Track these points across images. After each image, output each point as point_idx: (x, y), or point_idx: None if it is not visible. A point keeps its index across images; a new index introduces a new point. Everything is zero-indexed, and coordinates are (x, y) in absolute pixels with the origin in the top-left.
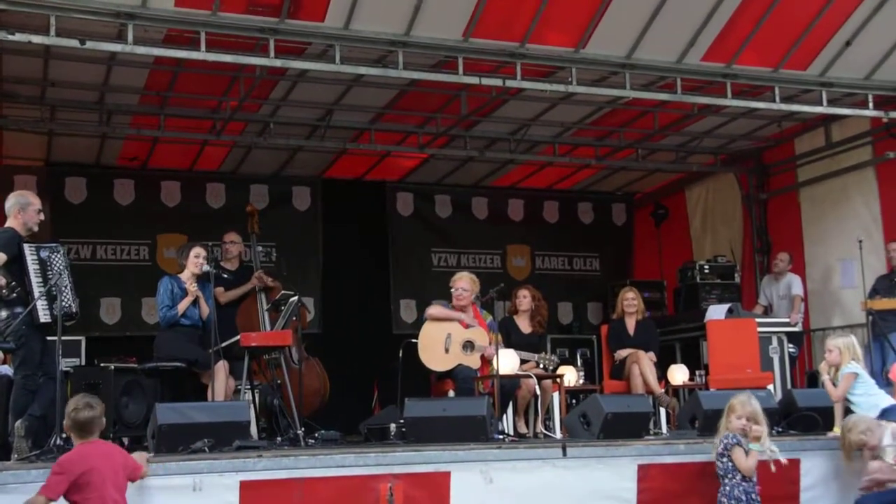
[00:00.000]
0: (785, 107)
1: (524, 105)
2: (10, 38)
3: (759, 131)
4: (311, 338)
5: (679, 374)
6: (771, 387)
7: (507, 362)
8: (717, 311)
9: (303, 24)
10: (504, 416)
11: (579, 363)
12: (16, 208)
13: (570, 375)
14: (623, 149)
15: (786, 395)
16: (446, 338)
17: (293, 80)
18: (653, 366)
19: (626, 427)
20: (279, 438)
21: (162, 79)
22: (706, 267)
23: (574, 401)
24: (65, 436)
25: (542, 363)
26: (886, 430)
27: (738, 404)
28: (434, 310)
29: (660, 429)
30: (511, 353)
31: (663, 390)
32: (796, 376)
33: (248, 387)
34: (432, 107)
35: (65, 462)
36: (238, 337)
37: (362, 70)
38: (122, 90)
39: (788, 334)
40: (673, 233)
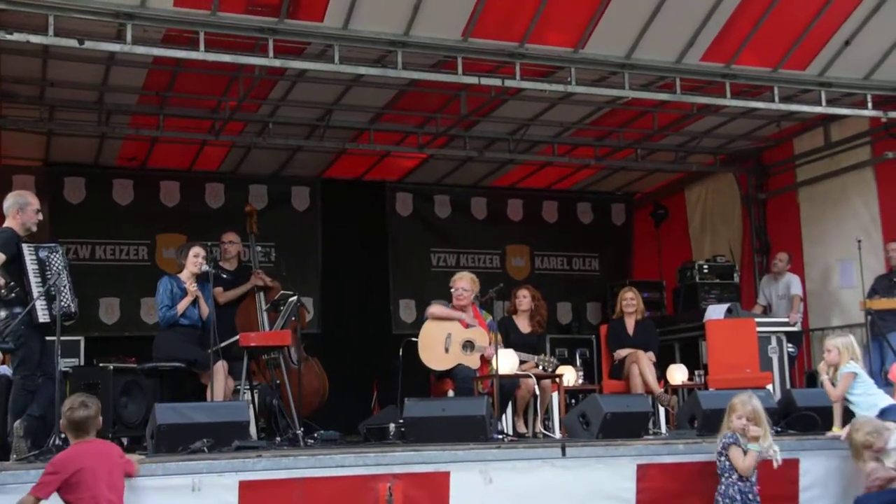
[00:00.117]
0: (784, 107)
1: (523, 105)
2: (9, 37)
3: (758, 131)
4: (310, 338)
5: (678, 374)
6: (770, 387)
7: (507, 362)
8: (716, 311)
9: (302, 24)
10: (503, 416)
11: (578, 363)
12: (14, 208)
13: (570, 375)
14: (622, 149)
15: (785, 394)
16: (447, 337)
17: (292, 80)
18: (652, 366)
19: (625, 427)
20: (278, 438)
21: (161, 79)
22: (705, 267)
23: (573, 401)
24: (63, 436)
25: (541, 365)
26: (893, 434)
27: (738, 403)
28: (435, 308)
29: (659, 429)
30: (510, 353)
31: (662, 390)
32: (795, 376)
33: (248, 387)
34: (432, 107)
35: (57, 462)
36: (237, 337)
37: (361, 70)
38: (120, 90)
39: (787, 334)
40: (672, 233)
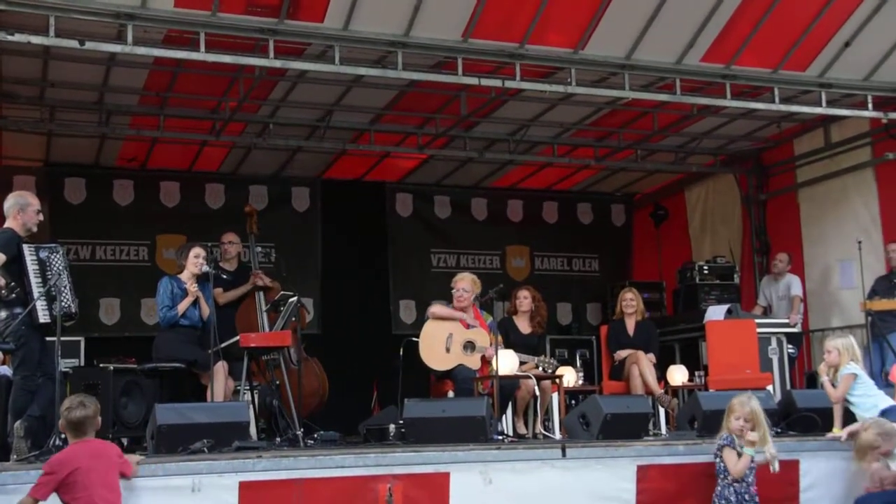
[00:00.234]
0: (784, 108)
1: (523, 106)
2: (10, 38)
3: (758, 132)
4: (310, 338)
5: (678, 375)
6: (770, 387)
7: (507, 363)
8: (716, 312)
9: (302, 24)
10: (503, 417)
11: (578, 364)
12: (15, 209)
13: (570, 376)
14: (622, 149)
15: (785, 395)
16: (447, 337)
17: (293, 80)
18: (652, 366)
19: (625, 428)
20: (278, 439)
21: (161, 79)
22: (705, 268)
23: (573, 401)
24: (64, 436)
25: (541, 365)
26: None
27: (737, 405)
28: (437, 308)
29: (659, 430)
30: (510, 353)
31: (662, 391)
32: (795, 377)
33: (248, 387)
34: (432, 107)
35: (53, 462)
36: (237, 338)
37: (362, 71)
38: (121, 91)
39: (788, 335)
40: (672, 233)
